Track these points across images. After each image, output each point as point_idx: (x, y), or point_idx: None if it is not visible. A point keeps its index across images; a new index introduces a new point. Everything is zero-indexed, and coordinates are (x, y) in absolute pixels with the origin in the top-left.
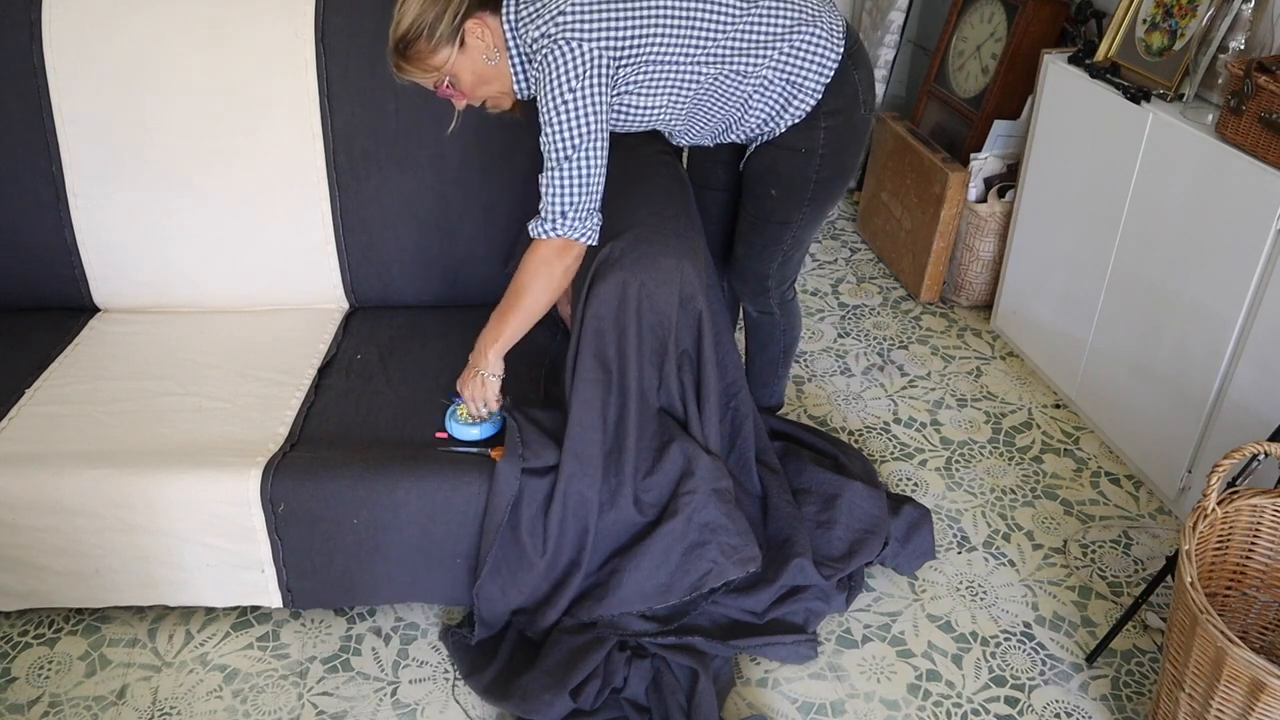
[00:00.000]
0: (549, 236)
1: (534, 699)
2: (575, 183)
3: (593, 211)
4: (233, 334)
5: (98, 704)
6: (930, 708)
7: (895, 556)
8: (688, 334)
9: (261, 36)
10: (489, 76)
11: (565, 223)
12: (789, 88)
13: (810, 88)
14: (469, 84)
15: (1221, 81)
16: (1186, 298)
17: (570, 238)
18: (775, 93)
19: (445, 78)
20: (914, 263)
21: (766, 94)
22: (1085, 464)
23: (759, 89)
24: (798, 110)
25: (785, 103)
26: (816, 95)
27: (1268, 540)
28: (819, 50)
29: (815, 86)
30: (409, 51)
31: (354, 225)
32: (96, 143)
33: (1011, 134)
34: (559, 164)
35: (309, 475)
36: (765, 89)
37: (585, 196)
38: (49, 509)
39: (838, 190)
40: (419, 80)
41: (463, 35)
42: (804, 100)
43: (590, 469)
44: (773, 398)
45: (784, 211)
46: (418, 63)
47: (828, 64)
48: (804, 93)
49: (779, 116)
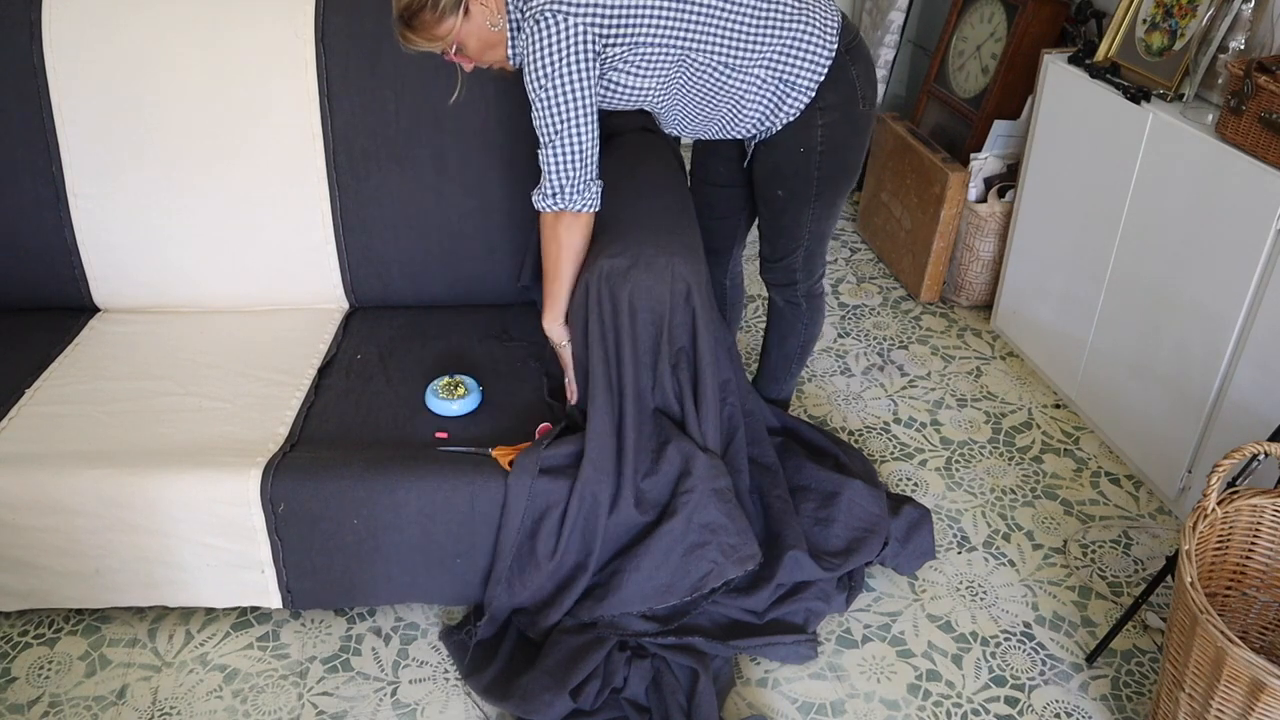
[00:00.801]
0: (551, 210)
1: (534, 699)
2: (568, 158)
3: (590, 182)
4: (233, 334)
5: (98, 704)
6: (930, 708)
7: (895, 556)
8: (683, 330)
9: (261, 36)
10: (494, 41)
11: (564, 197)
12: (782, 86)
13: (803, 85)
14: (475, 50)
15: (1221, 81)
16: (1186, 298)
17: (571, 210)
18: (769, 91)
19: (452, 45)
20: (914, 263)
21: (760, 92)
22: (1085, 464)
23: (752, 87)
24: (792, 108)
25: (779, 101)
26: (810, 93)
27: (1268, 540)
28: (811, 48)
29: (808, 84)
30: (414, 22)
31: (354, 225)
32: (96, 143)
33: (1011, 134)
34: (550, 140)
35: (309, 475)
36: (759, 87)
37: (579, 170)
38: (49, 509)
39: (844, 185)
40: (426, 49)
41: (466, 3)
42: (797, 99)
43: (604, 473)
44: (782, 392)
45: (794, 210)
46: (423, 32)
47: (820, 61)
48: (797, 90)
49: (774, 114)
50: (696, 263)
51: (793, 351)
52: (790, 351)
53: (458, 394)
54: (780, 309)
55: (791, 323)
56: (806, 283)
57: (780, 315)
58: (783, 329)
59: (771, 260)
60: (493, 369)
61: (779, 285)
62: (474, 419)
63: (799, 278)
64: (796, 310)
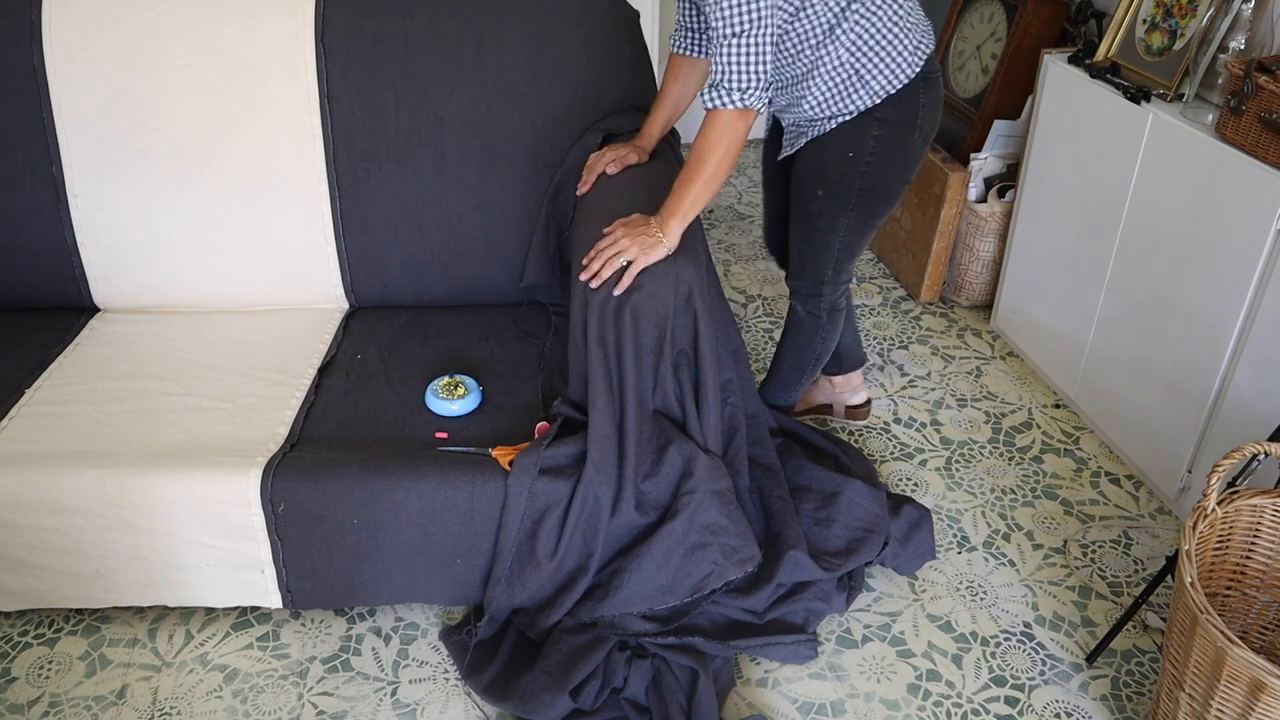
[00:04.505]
0: (726, 107)
1: (534, 699)
2: (752, 53)
3: (769, 79)
4: (233, 334)
5: (98, 704)
6: (930, 708)
7: (895, 556)
8: (685, 332)
9: (261, 37)
10: None
11: (743, 93)
12: (852, 77)
13: (873, 87)
14: None
15: (1221, 81)
16: (1186, 297)
17: (749, 107)
18: (840, 76)
19: None
20: (914, 263)
21: (832, 74)
22: (1085, 464)
23: (829, 61)
24: (852, 104)
25: (844, 92)
26: (875, 98)
27: (1268, 540)
28: (896, 54)
29: (878, 88)
30: None
31: (354, 225)
32: (96, 143)
33: (1011, 134)
34: (727, 39)
35: (309, 475)
36: (834, 68)
37: (760, 64)
38: (49, 509)
39: (881, 206)
40: None
41: None
42: (862, 97)
43: (605, 475)
44: (788, 399)
45: (829, 215)
46: None
47: (898, 72)
48: (865, 89)
49: (832, 102)
50: (698, 265)
51: (807, 361)
52: (804, 360)
53: (458, 394)
54: (800, 319)
55: (810, 335)
56: (831, 296)
57: (799, 326)
58: (799, 340)
59: (801, 268)
60: (493, 369)
61: (804, 295)
62: (474, 419)
63: (825, 290)
64: (816, 323)
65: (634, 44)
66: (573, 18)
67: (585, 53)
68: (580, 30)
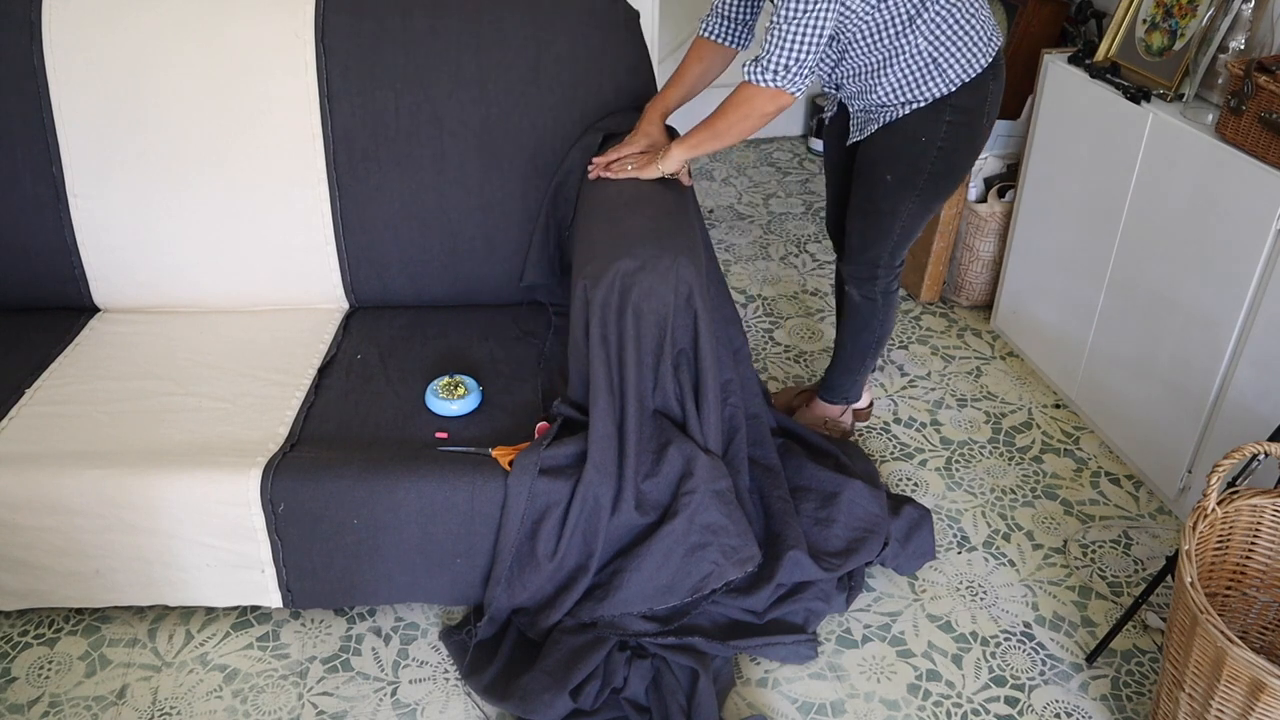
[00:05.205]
0: (765, 84)
1: (534, 699)
2: (803, 39)
3: (812, 70)
4: (233, 334)
5: (98, 704)
6: (930, 708)
7: (895, 557)
8: (685, 332)
9: (261, 37)
10: None
11: (785, 75)
12: (930, 65)
13: (949, 75)
14: None
15: (1221, 81)
16: (1186, 298)
17: (783, 89)
18: (917, 65)
19: None
20: (914, 263)
21: (910, 63)
22: (1085, 464)
23: (908, 49)
24: (928, 91)
25: (921, 79)
26: (951, 86)
27: (1268, 540)
28: (973, 43)
29: (954, 76)
30: None
31: (354, 225)
32: (96, 143)
33: (1011, 134)
34: (788, 19)
35: (309, 475)
36: (912, 56)
37: (810, 54)
38: (49, 509)
39: (945, 190)
40: None
41: None
42: (938, 85)
43: (605, 475)
44: (855, 387)
45: (894, 199)
46: None
47: (974, 60)
48: (942, 77)
49: (908, 89)
50: (698, 265)
51: (868, 345)
52: (865, 345)
53: (458, 394)
54: (856, 304)
55: (867, 319)
56: (886, 279)
57: (856, 310)
58: (858, 323)
59: (859, 252)
60: (493, 369)
61: (859, 280)
62: (474, 419)
63: (880, 272)
64: (873, 306)
65: (634, 44)
66: (573, 18)
67: (585, 53)
68: (580, 30)
